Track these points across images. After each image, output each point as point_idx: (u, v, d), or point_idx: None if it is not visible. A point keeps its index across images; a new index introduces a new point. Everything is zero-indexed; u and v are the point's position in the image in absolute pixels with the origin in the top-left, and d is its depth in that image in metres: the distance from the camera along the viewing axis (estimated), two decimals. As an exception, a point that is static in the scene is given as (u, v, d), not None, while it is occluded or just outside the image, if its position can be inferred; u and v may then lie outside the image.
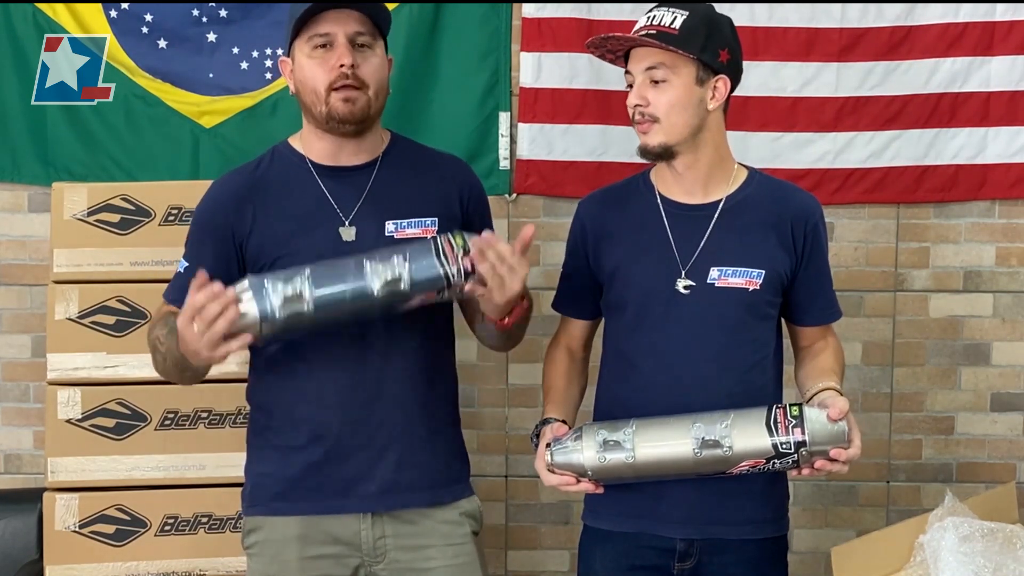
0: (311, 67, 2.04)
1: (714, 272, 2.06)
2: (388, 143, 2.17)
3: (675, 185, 2.11)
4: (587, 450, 1.97)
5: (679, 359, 2.05)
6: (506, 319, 2.02)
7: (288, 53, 2.11)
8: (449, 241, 1.91)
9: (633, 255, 2.10)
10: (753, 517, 2.10)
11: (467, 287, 1.92)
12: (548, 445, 2.00)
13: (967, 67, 3.08)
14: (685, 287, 2.05)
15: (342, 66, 2.01)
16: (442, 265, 1.90)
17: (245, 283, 1.87)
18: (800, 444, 1.91)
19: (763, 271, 2.07)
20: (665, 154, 2.05)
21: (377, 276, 1.89)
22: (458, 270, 1.90)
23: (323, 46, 2.03)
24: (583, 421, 2.11)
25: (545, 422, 2.08)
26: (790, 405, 1.94)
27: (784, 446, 1.91)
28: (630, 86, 2.05)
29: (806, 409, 1.94)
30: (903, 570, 2.30)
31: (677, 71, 2.01)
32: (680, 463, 1.95)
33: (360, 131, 2.08)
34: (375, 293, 1.90)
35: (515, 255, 1.90)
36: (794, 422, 1.92)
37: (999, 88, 3.09)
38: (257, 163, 2.15)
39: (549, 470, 2.00)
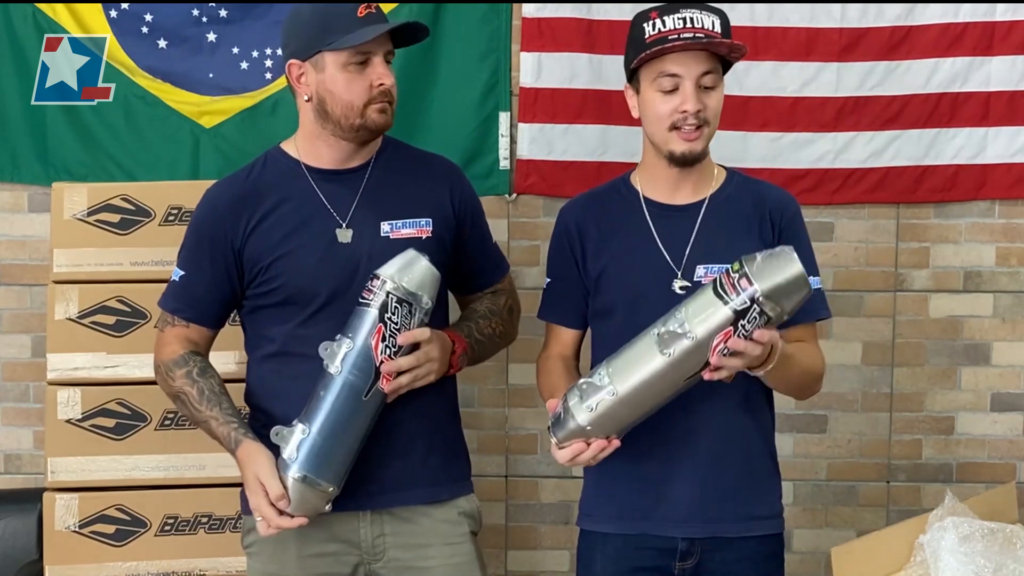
0: (347, 82, 2.04)
1: (700, 270, 2.06)
2: (380, 145, 2.18)
3: (664, 186, 2.12)
4: (573, 407, 1.90)
5: None
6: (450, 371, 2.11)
7: (303, 57, 2.07)
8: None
9: (620, 258, 2.11)
10: (752, 514, 2.11)
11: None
12: (548, 428, 1.96)
13: (967, 67, 3.08)
14: (681, 287, 2.05)
15: (381, 84, 2.04)
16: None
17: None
18: (753, 297, 1.78)
19: None
20: (703, 157, 2.07)
21: None
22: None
23: (360, 63, 2.04)
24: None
25: None
26: (733, 263, 1.84)
27: (741, 304, 1.79)
28: (673, 90, 2.01)
29: (745, 257, 1.82)
30: (903, 570, 2.30)
31: (720, 76, 2.05)
32: (662, 375, 1.85)
33: (375, 138, 2.12)
34: None
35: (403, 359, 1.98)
36: (738, 276, 1.80)
37: (999, 88, 3.09)
38: (249, 169, 2.16)
39: (559, 448, 1.94)
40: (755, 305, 1.79)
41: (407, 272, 1.95)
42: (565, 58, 3.09)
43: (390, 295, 1.94)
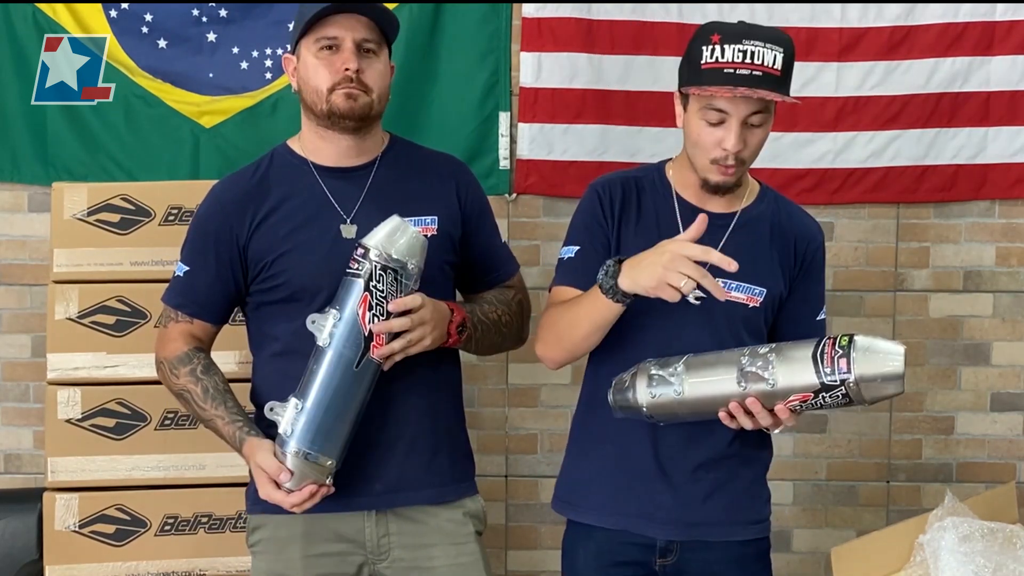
0: (316, 67, 2.06)
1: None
2: (387, 144, 2.18)
3: (697, 192, 2.09)
4: (639, 388, 1.93)
5: None
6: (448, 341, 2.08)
7: (293, 51, 2.12)
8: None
9: (645, 249, 2.08)
10: (735, 519, 2.10)
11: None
12: (610, 389, 1.98)
13: (967, 67, 3.08)
14: (696, 298, 2.01)
15: (347, 70, 2.03)
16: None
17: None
18: (845, 380, 1.81)
19: (765, 290, 2.06)
20: (737, 187, 2.06)
21: None
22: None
23: (330, 48, 2.05)
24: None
25: (618, 261, 1.94)
26: (841, 336, 1.85)
27: (830, 379, 1.82)
28: (718, 123, 1.97)
29: (858, 338, 1.82)
30: (903, 570, 2.31)
31: (770, 113, 2.00)
32: (728, 399, 1.88)
33: (359, 129, 2.10)
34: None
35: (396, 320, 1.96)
36: (840, 352, 1.81)
37: (999, 88, 3.09)
38: (256, 166, 2.16)
39: (615, 412, 1.98)
40: (843, 387, 1.82)
41: (391, 239, 1.94)
42: (565, 58, 3.09)
43: (375, 263, 1.93)
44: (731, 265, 1.82)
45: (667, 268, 1.84)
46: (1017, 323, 3.17)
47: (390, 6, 2.99)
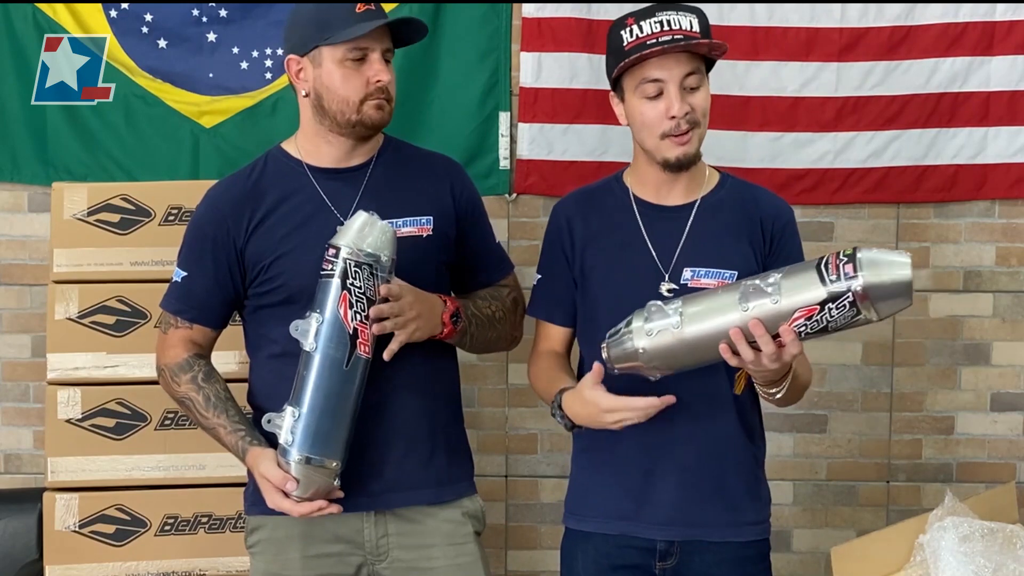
0: (344, 77, 2.05)
1: (687, 273, 2.05)
2: (381, 144, 2.18)
3: (655, 188, 2.10)
4: (635, 328, 1.87)
5: None
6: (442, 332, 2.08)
7: (302, 53, 2.09)
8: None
9: (608, 257, 2.10)
10: (734, 520, 2.10)
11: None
12: (606, 338, 1.93)
13: (967, 67, 3.08)
14: (668, 290, 2.03)
15: (378, 81, 2.05)
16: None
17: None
18: (851, 287, 1.74)
19: (736, 272, 2.05)
20: (697, 159, 2.06)
21: None
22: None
23: (357, 59, 2.05)
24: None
25: (563, 391, 2.02)
26: (843, 249, 1.80)
27: (836, 287, 1.75)
28: (657, 95, 2.00)
29: (861, 248, 1.78)
30: (903, 570, 2.31)
31: (703, 74, 2.04)
32: (729, 327, 1.81)
33: (373, 135, 2.11)
34: None
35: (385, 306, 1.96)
36: (845, 260, 1.76)
37: (999, 88, 3.09)
38: (251, 169, 2.16)
39: (611, 368, 1.92)
40: (850, 294, 1.76)
41: (361, 235, 1.95)
42: (565, 58, 3.09)
43: (347, 261, 1.94)
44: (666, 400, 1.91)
45: (602, 423, 1.96)
46: (1017, 323, 3.17)
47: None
